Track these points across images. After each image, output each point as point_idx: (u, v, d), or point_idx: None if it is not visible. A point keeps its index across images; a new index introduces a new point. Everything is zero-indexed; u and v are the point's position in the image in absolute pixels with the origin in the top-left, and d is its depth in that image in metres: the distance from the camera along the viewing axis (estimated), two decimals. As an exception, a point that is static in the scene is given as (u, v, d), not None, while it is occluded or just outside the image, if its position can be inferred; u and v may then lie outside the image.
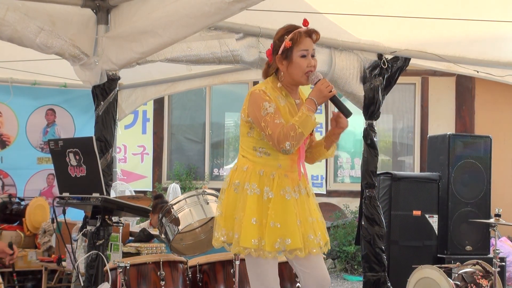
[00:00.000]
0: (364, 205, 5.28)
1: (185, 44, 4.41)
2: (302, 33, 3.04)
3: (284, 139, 2.91)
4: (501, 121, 9.38)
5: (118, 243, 4.45)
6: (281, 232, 2.94)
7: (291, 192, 3.03)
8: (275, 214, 2.96)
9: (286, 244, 2.94)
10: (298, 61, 3.03)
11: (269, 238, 2.93)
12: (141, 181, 9.81)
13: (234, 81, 6.28)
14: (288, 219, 2.97)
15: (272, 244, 2.93)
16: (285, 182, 3.03)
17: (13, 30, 3.93)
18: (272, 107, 2.97)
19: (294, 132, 2.91)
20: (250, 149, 3.09)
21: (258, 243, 2.94)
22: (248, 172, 3.04)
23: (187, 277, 4.01)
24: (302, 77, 3.05)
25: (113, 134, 4.41)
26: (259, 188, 3.00)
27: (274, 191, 3.00)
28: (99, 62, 4.22)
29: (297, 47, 3.03)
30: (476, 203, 6.40)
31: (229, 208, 3.05)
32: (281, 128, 2.93)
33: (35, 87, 7.16)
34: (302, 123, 2.93)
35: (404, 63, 5.36)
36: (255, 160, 3.07)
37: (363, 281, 5.38)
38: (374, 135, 5.30)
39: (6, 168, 7.36)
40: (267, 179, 3.02)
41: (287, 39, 3.02)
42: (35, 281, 6.22)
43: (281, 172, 3.05)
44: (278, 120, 2.95)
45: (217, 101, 10.24)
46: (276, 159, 3.05)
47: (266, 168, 3.04)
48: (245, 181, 3.02)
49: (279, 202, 2.99)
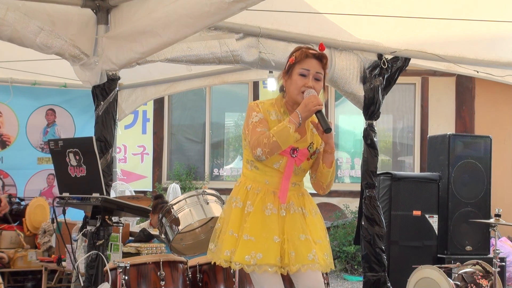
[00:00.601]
0: (364, 205, 5.28)
1: (185, 44, 4.41)
2: (308, 53, 3.03)
3: (256, 145, 2.91)
4: (501, 121, 9.39)
5: (118, 243, 4.45)
6: (254, 246, 2.93)
7: (273, 208, 3.01)
8: (251, 227, 2.96)
9: (257, 259, 2.92)
10: (295, 78, 3.03)
11: (240, 250, 2.94)
12: (141, 181, 9.82)
13: (234, 81, 6.28)
14: (263, 234, 2.95)
15: (242, 256, 2.92)
16: (269, 199, 3.02)
17: (13, 30, 3.93)
18: (257, 117, 2.99)
19: (267, 140, 2.90)
20: (245, 162, 3.14)
21: (230, 254, 2.96)
22: (239, 187, 3.10)
23: (187, 277, 4.00)
24: (298, 95, 3.02)
25: (113, 134, 4.41)
26: (242, 201, 3.03)
27: (255, 205, 3.00)
28: (99, 62, 4.22)
29: (299, 65, 3.03)
30: (476, 203, 6.40)
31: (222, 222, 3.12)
32: (257, 135, 2.93)
33: (35, 87, 7.17)
34: (278, 133, 2.91)
35: (404, 63, 5.36)
36: (247, 175, 3.11)
37: (363, 281, 5.38)
38: (374, 135, 5.30)
39: (6, 168, 7.36)
40: (251, 194, 3.04)
41: (293, 56, 3.05)
42: (35, 281, 6.22)
43: (268, 189, 3.04)
44: (260, 128, 2.96)
45: (217, 101, 10.24)
46: (264, 175, 3.06)
47: (254, 183, 3.06)
48: (233, 195, 3.09)
49: (257, 217, 2.99)
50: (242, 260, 2.92)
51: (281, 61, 4.85)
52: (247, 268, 2.94)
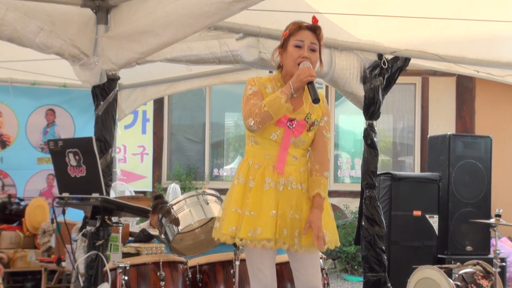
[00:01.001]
0: (364, 205, 5.28)
1: (185, 44, 4.41)
2: (301, 25, 3.09)
3: (248, 115, 2.95)
4: (501, 121, 9.38)
5: (118, 243, 4.45)
6: (255, 221, 2.96)
7: (271, 183, 3.02)
8: (252, 202, 2.98)
9: (256, 233, 2.94)
10: (290, 50, 3.07)
11: (244, 226, 2.96)
12: (141, 181, 9.81)
13: (234, 81, 6.27)
14: (263, 208, 2.98)
15: (246, 232, 2.95)
16: (268, 173, 3.03)
17: (13, 30, 3.93)
18: (251, 90, 3.04)
19: (258, 110, 2.93)
20: (247, 139, 3.15)
21: (236, 230, 2.98)
22: (241, 164, 3.12)
23: (187, 277, 4.00)
24: (294, 67, 3.05)
25: (113, 134, 4.41)
26: (244, 177, 3.04)
27: (255, 180, 3.02)
28: (99, 62, 4.22)
29: (293, 37, 3.08)
30: (477, 203, 6.40)
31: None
32: (250, 106, 2.97)
33: (35, 87, 7.16)
34: (269, 102, 2.94)
35: (404, 63, 5.35)
36: (248, 151, 3.13)
37: (363, 282, 5.37)
38: (374, 135, 5.30)
39: (6, 168, 7.36)
40: (253, 169, 3.05)
41: (286, 29, 3.12)
42: (35, 281, 6.22)
43: (268, 163, 3.05)
44: (253, 101, 3.00)
45: (217, 101, 10.24)
46: (263, 149, 3.07)
47: (255, 159, 3.07)
48: (237, 173, 3.11)
49: (257, 192, 3.00)
50: (245, 236, 2.95)
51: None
52: (250, 243, 2.96)
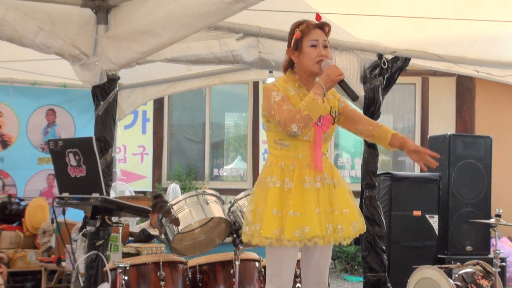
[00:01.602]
0: (364, 205, 5.28)
1: (185, 44, 4.41)
2: (312, 25, 3.13)
3: (290, 121, 2.97)
4: (501, 121, 9.38)
5: (118, 243, 4.45)
6: (301, 221, 2.99)
7: (311, 181, 3.07)
8: (294, 203, 3.00)
9: (305, 232, 2.98)
10: (308, 51, 3.11)
11: (289, 227, 2.98)
12: (141, 181, 9.80)
13: (234, 81, 6.28)
14: (307, 207, 3.01)
15: (292, 233, 2.98)
16: (305, 172, 3.07)
17: (13, 30, 3.93)
18: (279, 96, 3.05)
19: (299, 115, 2.96)
20: (272, 143, 3.16)
21: (279, 233, 2.99)
22: (271, 167, 3.11)
23: (187, 277, 4.00)
24: (314, 66, 3.11)
25: (113, 134, 4.41)
26: (280, 180, 3.06)
27: (294, 181, 3.05)
28: (99, 62, 4.22)
29: (307, 37, 3.12)
30: (477, 203, 6.39)
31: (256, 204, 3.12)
32: (287, 112, 3.00)
33: (35, 87, 7.16)
34: (307, 106, 2.98)
35: (404, 63, 5.35)
36: (276, 154, 3.13)
37: (363, 282, 5.37)
38: (374, 135, 5.29)
39: (7, 168, 7.36)
40: (287, 171, 3.07)
41: (297, 30, 3.13)
42: (35, 281, 6.22)
43: (302, 163, 3.09)
44: (286, 106, 3.02)
45: (217, 101, 10.23)
46: (295, 150, 3.10)
47: (287, 160, 3.09)
48: (268, 175, 3.09)
49: (298, 191, 3.03)
50: (292, 237, 2.97)
51: (281, 61, 4.82)
52: (299, 243, 3.00)
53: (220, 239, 4.13)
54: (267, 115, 3.12)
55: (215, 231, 4.15)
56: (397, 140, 3.19)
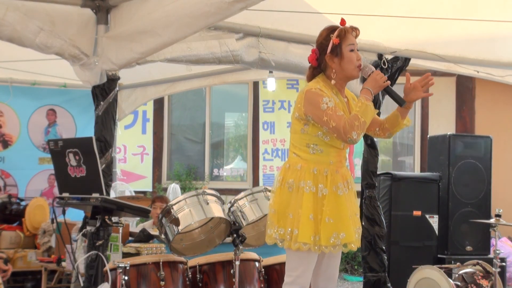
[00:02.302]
0: (364, 205, 5.28)
1: (185, 44, 4.41)
2: (348, 29, 3.17)
3: (350, 129, 3.00)
4: (501, 121, 9.38)
5: (118, 243, 4.45)
6: (336, 227, 3.04)
7: (342, 188, 3.13)
8: (330, 209, 3.05)
9: (340, 238, 3.05)
10: (349, 55, 3.14)
11: (324, 233, 3.03)
12: (141, 181, 9.80)
13: (234, 81, 6.28)
14: (342, 214, 3.07)
15: (328, 239, 3.03)
16: (337, 178, 3.13)
17: (13, 30, 3.93)
18: (332, 102, 3.07)
19: (358, 122, 3.01)
20: (303, 146, 3.16)
21: (314, 239, 3.04)
22: (302, 171, 3.11)
23: (187, 277, 4.00)
24: (354, 70, 3.16)
25: (113, 134, 4.41)
26: (314, 185, 3.08)
27: (328, 187, 3.09)
28: (99, 62, 4.22)
29: (345, 42, 3.14)
30: (477, 203, 6.40)
31: (282, 206, 3.13)
32: (344, 119, 3.03)
33: (35, 87, 7.17)
34: (363, 112, 3.03)
35: (404, 63, 5.35)
36: (307, 158, 3.14)
37: (363, 282, 5.37)
38: (374, 135, 5.29)
39: (8, 168, 7.36)
40: (321, 177, 3.10)
41: (334, 36, 3.13)
42: (35, 281, 6.22)
43: (333, 169, 3.14)
44: (340, 112, 3.06)
45: (217, 101, 10.23)
46: (328, 156, 3.14)
47: (319, 165, 3.12)
48: (300, 179, 3.10)
49: (333, 198, 3.08)
50: (328, 243, 3.03)
51: (281, 61, 4.84)
52: (333, 249, 3.06)
53: (220, 239, 4.13)
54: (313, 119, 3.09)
55: (215, 231, 4.15)
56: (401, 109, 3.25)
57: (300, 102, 3.13)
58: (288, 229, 3.07)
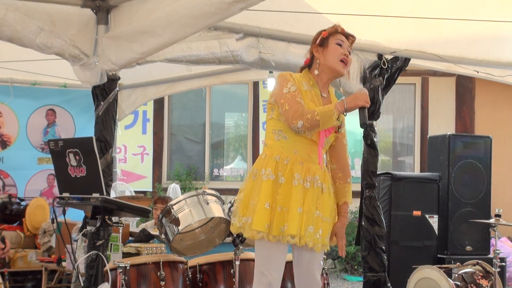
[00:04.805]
0: (364, 205, 5.28)
1: (185, 44, 4.41)
2: (339, 28, 3.21)
3: (299, 116, 2.97)
4: (501, 121, 9.38)
5: (118, 243, 4.46)
6: (285, 217, 3.00)
7: (300, 179, 3.06)
8: (283, 199, 3.01)
9: (284, 229, 2.99)
10: (333, 47, 3.15)
11: (277, 222, 2.99)
12: (141, 181, 9.81)
13: (234, 81, 6.28)
14: (291, 204, 3.01)
15: (278, 228, 2.99)
16: (297, 169, 3.06)
17: (13, 30, 3.93)
18: (294, 87, 3.06)
19: (311, 116, 2.97)
20: (270, 133, 3.15)
21: (269, 227, 3.00)
22: (266, 159, 3.10)
23: (187, 277, 4.00)
24: (336, 63, 3.14)
25: (113, 135, 4.41)
26: (274, 173, 3.05)
27: (285, 176, 3.04)
28: (99, 62, 4.22)
29: (333, 37, 3.18)
30: (476, 203, 6.40)
31: (247, 195, 3.10)
32: (299, 106, 3.00)
33: (35, 87, 7.17)
34: (322, 113, 2.99)
35: (404, 63, 5.35)
36: (272, 146, 3.12)
37: (363, 281, 5.37)
38: (374, 135, 5.30)
39: (6, 168, 7.37)
40: (281, 165, 3.06)
41: (324, 31, 3.19)
42: (35, 281, 6.22)
43: (296, 158, 3.08)
44: (299, 99, 3.03)
45: (217, 101, 10.24)
46: (293, 144, 3.10)
47: (282, 153, 3.08)
48: (262, 167, 3.08)
49: (287, 187, 3.03)
50: (278, 233, 2.99)
51: (281, 61, 4.84)
52: (282, 238, 3.00)
53: (220, 239, 4.14)
54: (274, 102, 3.11)
55: (215, 231, 4.15)
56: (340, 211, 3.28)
57: (275, 85, 3.18)
58: (249, 217, 3.03)
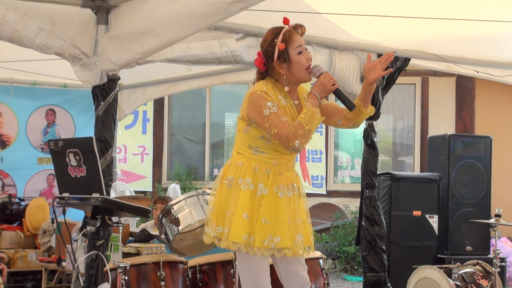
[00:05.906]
0: (364, 205, 5.28)
1: (185, 44, 4.41)
2: (291, 31, 3.02)
3: (293, 137, 2.88)
4: (501, 121, 9.38)
5: (118, 243, 4.45)
6: (271, 230, 2.91)
7: (284, 190, 3.00)
8: (267, 211, 2.93)
9: (275, 243, 2.92)
10: (297, 59, 2.99)
11: (259, 234, 2.91)
12: (141, 181, 9.81)
13: (234, 81, 6.28)
14: (279, 217, 2.94)
15: (262, 241, 2.91)
16: (280, 180, 3.00)
17: (13, 30, 3.93)
18: (275, 107, 2.92)
19: (302, 130, 2.89)
20: (245, 146, 3.06)
21: (248, 239, 2.92)
22: (243, 168, 3.00)
23: (187, 277, 4.00)
24: (305, 74, 3.01)
25: (113, 135, 4.41)
26: (253, 183, 2.97)
27: (268, 187, 2.97)
28: (99, 62, 4.22)
29: (291, 45, 2.99)
30: (476, 203, 6.40)
31: (221, 204, 3.02)
32: (288, 126, 2.89)
33: (35, 87, 7.17)
34: (308, 120, 2.91)
35: (404, 63, 5.36)
36: (250, 157, 3.04)
37: (363, 282, 5.38)
38: (374, 136, 5.30)
39: (6, 168, 7.36)
40: (261, 176, 2.98)
41: (279, 41, 2.98)
42: (35, 281, 6.22)
43: (276, 170, 3.02)
44: (284, 118, 2.92)
45: (217, 101, 10.24)
46: (272, 157, 3.03)
47: (261, 164, 3.01)
48: (239, 176, 2.99)
49: (272, 199, 2.96)
50: (261, 245, 2.90)
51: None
52: (266, 252, 2.92)
53: (220, 239, 4.13)
54: (255, 123, 2.97)
55: (215, 231, 4.14)
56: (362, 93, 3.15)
57: (245, 103, 3.01)
58: (226, 228, 2.95)
